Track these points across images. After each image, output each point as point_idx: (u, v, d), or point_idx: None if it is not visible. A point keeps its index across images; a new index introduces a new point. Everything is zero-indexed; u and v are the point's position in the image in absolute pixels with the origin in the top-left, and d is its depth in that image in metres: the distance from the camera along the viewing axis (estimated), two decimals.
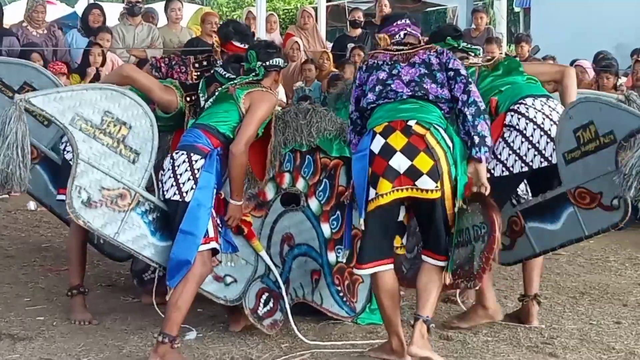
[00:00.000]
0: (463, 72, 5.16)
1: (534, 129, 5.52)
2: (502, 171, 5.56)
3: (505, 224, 5.61)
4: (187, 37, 10.92)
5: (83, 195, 4.99)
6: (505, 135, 5.58)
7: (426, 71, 5.14)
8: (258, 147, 5.55)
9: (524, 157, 5.54)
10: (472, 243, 5.00)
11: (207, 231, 5.11)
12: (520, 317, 5.94)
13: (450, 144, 5.02)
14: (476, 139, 5.04)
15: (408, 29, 5.37)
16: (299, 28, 12.03)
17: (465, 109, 5.06)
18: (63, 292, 6.07)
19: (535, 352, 5.42)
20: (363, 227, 5.07)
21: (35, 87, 5.94)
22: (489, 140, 5.08)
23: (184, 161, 5.16)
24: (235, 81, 5.50)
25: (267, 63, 5.57)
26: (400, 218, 5.23)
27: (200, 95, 5.64)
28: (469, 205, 5.04)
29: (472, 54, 5.99)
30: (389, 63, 5.22)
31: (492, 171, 5.49)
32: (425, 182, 4.95)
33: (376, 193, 5.00)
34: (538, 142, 5.53)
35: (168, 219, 5.17)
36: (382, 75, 5.19)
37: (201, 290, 5.39)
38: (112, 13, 12.47)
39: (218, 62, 5.90)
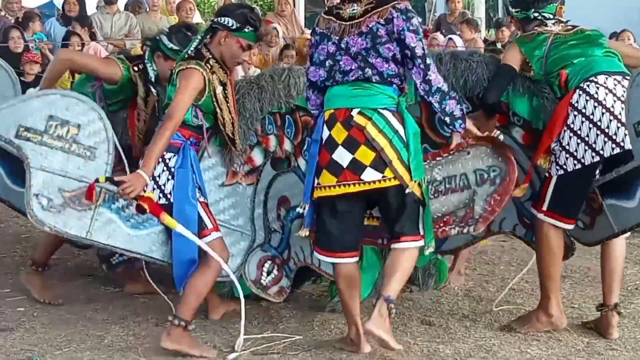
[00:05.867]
0: (419, 51, 4.89)
1: (603, 113, 5.10)
2: (575, 165, 5.16)
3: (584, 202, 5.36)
4: (166, 26, 10.80)
5: (43, 202, 4.90)
6: (570, 122, 5.18)
7: (372, 44, 4.91)
8: None
9: (594, 145, 5.12)
10: (471, 187, 5.00)
11: (204, 224, 5.01)
12: (599, 327, 5.49)
13: (399, 127, 4.89)
14: (447, 120, 5.01)
15: None
16: (277, 15, 11.96)
17: (431, 98, 4.95)
18: None
19: (518, 337, 5.42)
20: (304, 210, 4.99)
21: None
22: (457, 113, 4.99)
23: (158, 162, 4.97)
24: (180, 55, 5.20)
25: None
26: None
27: (148, 64, 5.54)
28: (469, 148, 5.03)
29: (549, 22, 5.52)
30: (338, 34, 5.00)
31: (565, 166, 5.20)
32: (370, 175, 4.85)
33: (318, 183, 4.93)
34: (607, 128, 5.09)
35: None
36: (332, 48, 5.00)
37: None
38: (91, 1, 12.41)
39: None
